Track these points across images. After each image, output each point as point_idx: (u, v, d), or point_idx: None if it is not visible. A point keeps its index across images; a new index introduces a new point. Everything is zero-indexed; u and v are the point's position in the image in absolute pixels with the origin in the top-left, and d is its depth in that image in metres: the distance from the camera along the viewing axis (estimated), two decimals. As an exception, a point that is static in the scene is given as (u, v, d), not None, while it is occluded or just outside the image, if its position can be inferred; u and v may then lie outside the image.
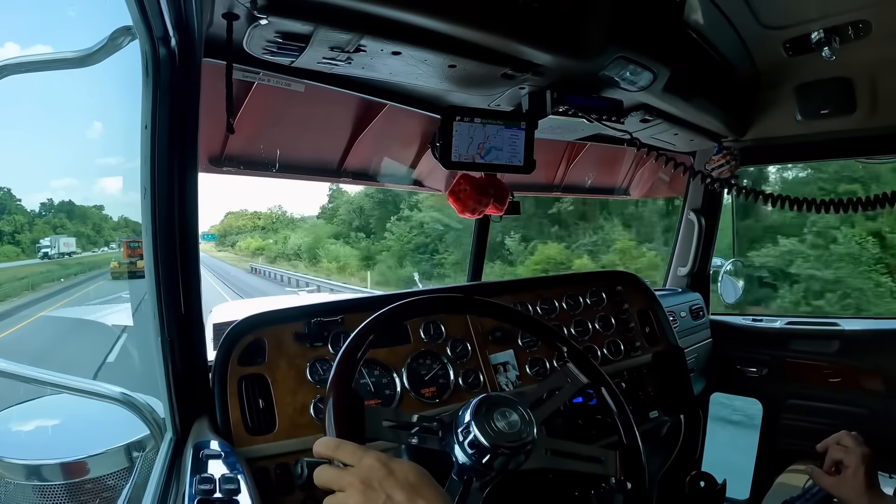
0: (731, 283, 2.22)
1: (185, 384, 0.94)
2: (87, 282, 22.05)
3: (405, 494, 0.64)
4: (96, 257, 31.08)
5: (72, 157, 51.22)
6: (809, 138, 1.77)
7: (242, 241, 54.32)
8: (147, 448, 1.15)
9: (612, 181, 2.34)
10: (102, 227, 38.44)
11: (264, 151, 1.40)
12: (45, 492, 1.11)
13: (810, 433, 1.17)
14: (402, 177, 1.74)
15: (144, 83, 0.84)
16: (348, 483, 0.67)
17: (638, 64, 1.18)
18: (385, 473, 0.66)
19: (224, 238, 60.71)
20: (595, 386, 1.03)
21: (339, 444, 0.72)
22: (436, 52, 1.02)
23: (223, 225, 60.23)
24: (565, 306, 1.48)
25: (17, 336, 11.29)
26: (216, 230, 61.11)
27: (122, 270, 19.19)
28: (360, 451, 0.70)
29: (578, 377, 1.02)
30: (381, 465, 0.67)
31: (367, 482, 0.66)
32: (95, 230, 37.59)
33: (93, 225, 37.80)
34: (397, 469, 0.67)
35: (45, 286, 19.67)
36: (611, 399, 1.02)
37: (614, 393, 1.03)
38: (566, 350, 1.06)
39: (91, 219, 37.82)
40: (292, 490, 0.97)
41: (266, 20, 0.87)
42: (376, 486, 0.65)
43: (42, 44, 59.08)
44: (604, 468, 0.93)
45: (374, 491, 0.65)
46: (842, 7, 1.32)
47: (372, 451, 0.70)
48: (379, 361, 1.17)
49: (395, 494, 0.65)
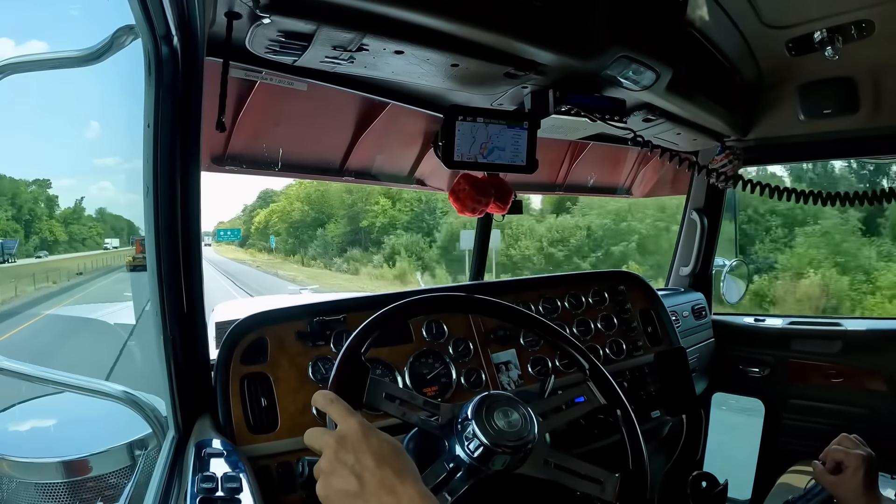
0: (734, 283, 2.22)
1: (188, 383, 0.94)
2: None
3: (374, 461, 0.65)
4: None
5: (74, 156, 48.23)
6: (812, 138, 1.77)
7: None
8: (149, 446, 1.15)
9: (614, 180, 2.34)
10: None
11: (266, 150, 1.40)
12: (47, 490, 1.12)
13: (812, 433, 1.17)
14: (404, 176, 1.74)
15: (147, 82, 0.84)
16: (325, 443, 0.68)
17: (641, 63, 1.18)
18: (360, 437, 0.67)
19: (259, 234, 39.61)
20: (612, 409, 1.02)
21: (333, 400, 0.73)
22: (438, 51, 1.02)
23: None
24: (567, 305, 1.48)
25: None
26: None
27: (136, 263, 19.38)
28: (348, 413, 0.71)
29: (598, 397, 1.02)
30: (360, 429, 0.68)
31: (341, 443, 0.67)
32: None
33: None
34: (373, 437, 0.68)
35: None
36: (624, 424, 1.01)
37: (629, 417, 1.01)
38: (588, 367, 1.05)
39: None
40: (294, 489, 0.97)
41: (269, 19, 0.87)
42: (349, 447, 0.67)
43: (43, 43, 58.81)
44: (601, 490, 0.90)
45: (345, 452, 0.66)
46: (844, 7, 1.31)
47: (358, 415, 0.71)
48: (381, 360, 1.17)
49: (365, 459, 0.65)
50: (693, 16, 1.35)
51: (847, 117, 1.60)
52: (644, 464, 0.96)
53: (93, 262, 25.51)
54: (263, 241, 38.15)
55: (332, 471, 0.66)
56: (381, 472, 0.64)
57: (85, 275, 22.23)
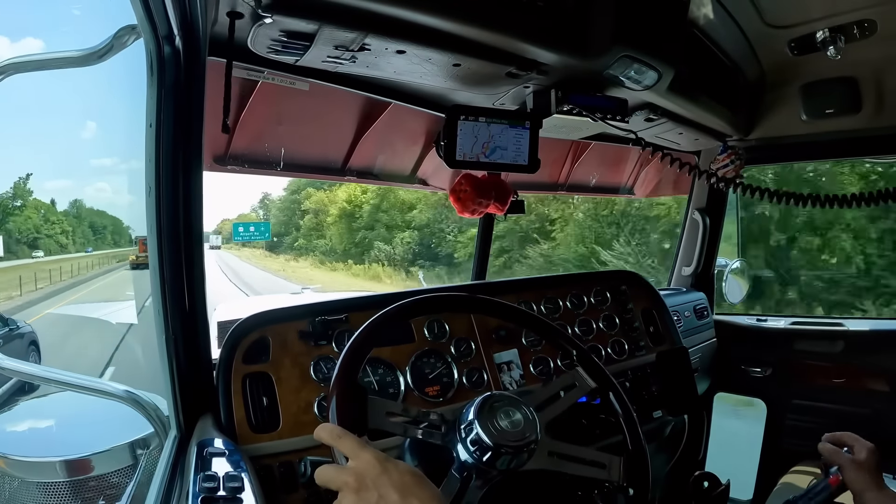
0: (736, 283, 2.22)
1: (190, 382, 0.94)
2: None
3: (398, 494, 0.64)
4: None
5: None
6: (815, 138, 1.77)
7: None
8: (151, 446, 1.15)
9: (616, 180, 2.34)
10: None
11: (268, 150, 1.40)
12: (49, 489, 1.12)
13: (815, 434, 1.16)
14: (406, 175, 1.74)
15: (149, 82, 0.84)
16: (344, 482, 0.67)
17: (643, 63, 1.18)
18: (379, 472, 0.67)
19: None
20: (603, 391, 1.03)
21: (341, 435, 0.72)
22: (440, 50, 1.02)
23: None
24: (569, 305, 1.48)
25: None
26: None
27: (140, 262, 18.80)
28: (359, 447, 0.70)
29: (587, 381, 1.02)
30: (377, 463, 0.67)
31: (361, 480, 0.66)
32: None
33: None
34: (392, 469, 0.67)
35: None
36: (618, 405, 1.02)
37: (622, 398, 1.03)
38: (575, 353, 1.06)
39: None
40: (296, 488, 0.97)
41: (271, 19, 0.87)
42: (370, 484, 0.66)
43: (44, 42, 58.78)
44: (607, 473, 0.93)
45: (367, 490, 0.65)
46: (847, 6, 1.31)
47: (371, 448, 0.70)
48: (383, 360, 1.17)
49: (389, 494, 0.65)
50: (695, 15, 1.35)
51: (849, 117, 1.60)
52: (641, 442, 0.98)
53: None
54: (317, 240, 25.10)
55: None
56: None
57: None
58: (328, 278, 22.23)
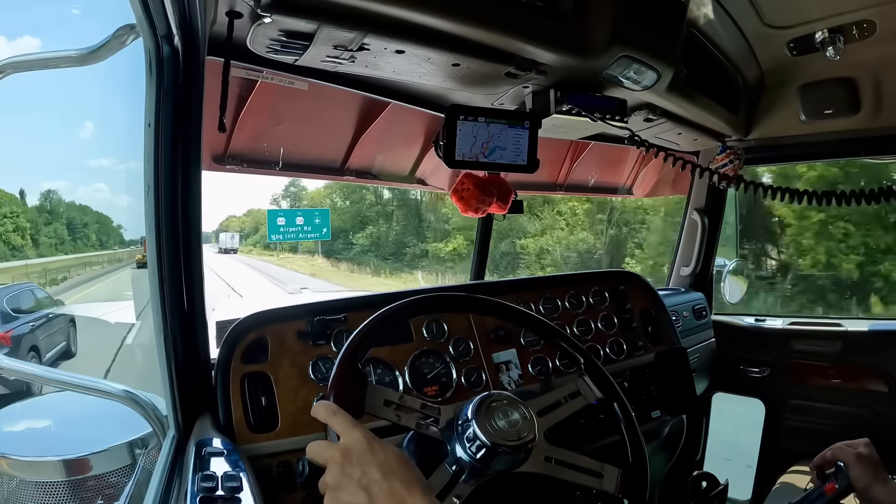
0: (735, 283, 2.22)
1: (188, 381, 0.94)
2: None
3: (380, 473, 0.65)
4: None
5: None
6: (813, 138, 1.77)
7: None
8: (150, 445, 1.15)
9: (615, 180, 2.34)
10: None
11: (267, 149, 1.40)
12: (48, 489, 1.12)
13: (813, 434, 1.17)
14: (405, 175, 1.74)
15: (148, 81, 0.84)
16: (330, 457, 0.68)
17: (642, 63, 1.18)
18: (366, 449, 0.67)
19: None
20: (608, 402, 1.02)
21: (335, 412, 0.73)
22: (439, 50, 1.02)
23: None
24: (568, 305, 1.48)
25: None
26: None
27: (145, 261, 18.32)
28: (351, 425, 0.71)
29: (592, 391, 1.02)
30: (364, 441, 0.68)
31: (346, 456, 0.67)
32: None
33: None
34: (378, 448, 0.68)
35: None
36: (622, 416, 1.01)
37: (626, 410, 1.02)
38: (583, 362, 1.05)
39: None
40: (294, 488, 0.97)
41: (270, 18, 0.87)
42: (355, 460, 0.66)
43: (42, 41, 58.51)
44: (601, 483, 0.92)
45: (351, 465, 0.66)
46: (846, 7, 1.31)
47: (362, 427, 0.71)
48: (381, 360, 1.17)
49: (371, 472, 0.65)
50: (694, 16, 1.35)
51: (848, 118, 1.60)
52: (643, 455, 0.97)
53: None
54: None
55: (340, 485, 0.66)
56: (389, 485, 0.64)
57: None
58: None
